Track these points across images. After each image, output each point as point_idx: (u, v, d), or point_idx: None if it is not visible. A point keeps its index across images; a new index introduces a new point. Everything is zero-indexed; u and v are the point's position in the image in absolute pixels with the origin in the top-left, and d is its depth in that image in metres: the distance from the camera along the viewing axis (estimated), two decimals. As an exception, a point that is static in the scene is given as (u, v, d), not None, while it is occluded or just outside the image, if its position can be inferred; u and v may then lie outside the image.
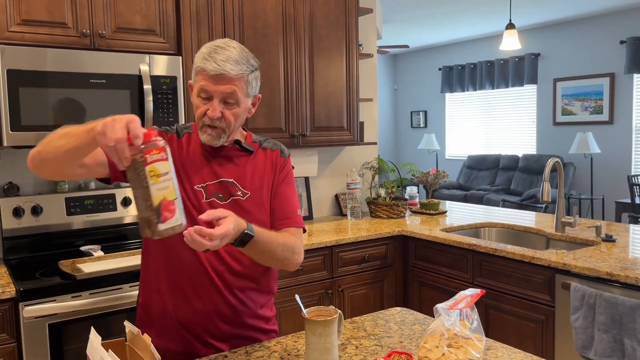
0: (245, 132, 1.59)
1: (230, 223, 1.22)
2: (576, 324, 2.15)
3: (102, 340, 1.13)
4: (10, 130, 2.18)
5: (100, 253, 2.48)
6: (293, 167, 1.65)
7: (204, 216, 1.21)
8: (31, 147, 2.25)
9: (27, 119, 2.21)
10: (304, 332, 1.41)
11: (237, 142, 1.52)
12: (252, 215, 1.46)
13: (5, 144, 2.19)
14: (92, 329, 1.18)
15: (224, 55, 1.38)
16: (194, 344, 1.48)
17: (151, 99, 2.44)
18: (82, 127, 1.20)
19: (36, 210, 2.49)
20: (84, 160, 1.31)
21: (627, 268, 2.13)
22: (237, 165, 1.51)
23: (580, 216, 7.12)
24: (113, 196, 2.69)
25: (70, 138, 1.22)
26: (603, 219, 7.12)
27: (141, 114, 2.44)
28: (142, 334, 1.18)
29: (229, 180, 1.49)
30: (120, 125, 1.09)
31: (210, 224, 1.22)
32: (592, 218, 7.19)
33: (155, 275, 1.50)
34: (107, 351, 1.06)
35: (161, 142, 1.14)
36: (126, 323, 1.25)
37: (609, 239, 2.60)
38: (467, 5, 6.74)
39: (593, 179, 7.33)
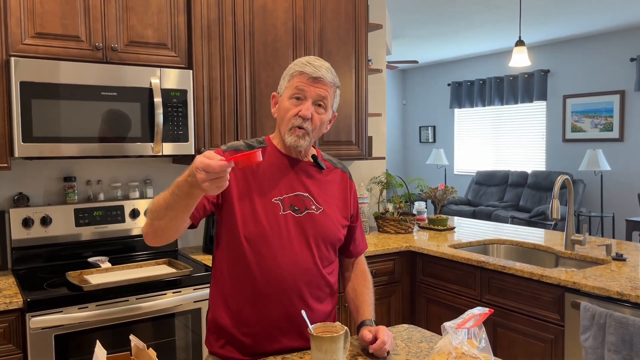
0: (314, 149, 1.65)
1: (382, 332, 1.47)
2: (586, 344, 2.12)
3: (108, 354, 1.13)
4: (22, 141, 2.20)
5: (108, 264, 2.48)
6: None
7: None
8: (41, 158, 2.29)
9: (39, 130, 2.23)
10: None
11: (313, 157, 1.61)
12: (326, 229, 1.55)
13: (16, 154, 2.21)
14: (98, 342, 1.18)
15: (320, 63, 1.53)
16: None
17: (161, 111, 2.46)
18: (181, 184, 1.29)
19: (45, 221, 2.51)
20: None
21: (638, 288, 2.11)
22: (311, 180, 1.58)
23: (590, 234, 7.06)
24: (122, 208, 2.70)
25: (174, 197, 1.31)
26: (613, 237, 7.05)
27: (151, 126, 2.46)
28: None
29: (304, 194, 1.56)
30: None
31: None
32: (602, 236, 7.12)
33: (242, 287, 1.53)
34: (112, 365, 1.06)
35: None
36: (131, 337, 1.25)
37: (619, 258, 2.57)
38: (477, 22, 6.77)
39: (603, 197, 7.27)
